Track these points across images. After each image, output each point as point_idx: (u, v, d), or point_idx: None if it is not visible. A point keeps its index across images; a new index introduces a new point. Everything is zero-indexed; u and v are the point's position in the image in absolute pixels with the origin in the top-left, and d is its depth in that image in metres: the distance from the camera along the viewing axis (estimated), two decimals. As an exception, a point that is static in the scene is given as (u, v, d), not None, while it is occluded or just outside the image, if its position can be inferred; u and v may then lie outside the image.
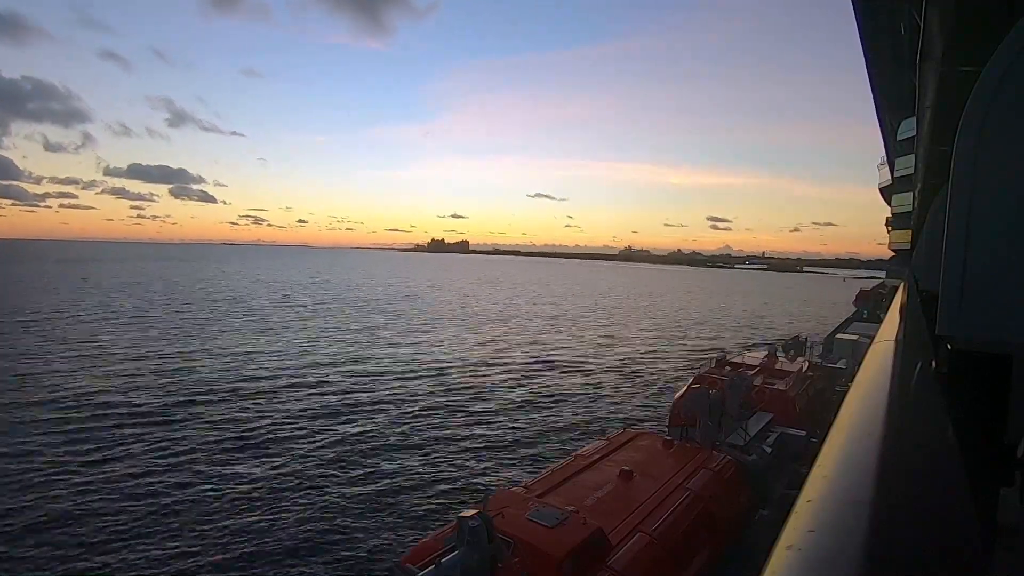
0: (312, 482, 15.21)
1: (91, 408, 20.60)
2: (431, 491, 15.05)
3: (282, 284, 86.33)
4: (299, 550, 11.99)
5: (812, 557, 0.75)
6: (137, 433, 18.28)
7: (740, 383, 13.82)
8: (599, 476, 10.38)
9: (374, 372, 28.39)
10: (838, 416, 1.61)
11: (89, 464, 15.79)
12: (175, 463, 16.11)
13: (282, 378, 26.25)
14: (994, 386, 1.72)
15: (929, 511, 1.01)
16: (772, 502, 12.14)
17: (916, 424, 1.66)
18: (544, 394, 25.64)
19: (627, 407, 24.25)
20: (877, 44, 11.50)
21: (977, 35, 3.08)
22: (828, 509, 0.92)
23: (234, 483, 14.94)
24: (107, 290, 65.29)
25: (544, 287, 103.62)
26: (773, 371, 19.16)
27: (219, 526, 12.76)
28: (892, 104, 16.80)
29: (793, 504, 0.94)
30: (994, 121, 1.68)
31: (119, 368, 26.87)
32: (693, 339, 44.48)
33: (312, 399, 23.11)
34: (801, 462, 13.67)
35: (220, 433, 18.64)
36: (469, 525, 6.87)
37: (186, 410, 20.91)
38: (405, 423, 20.59)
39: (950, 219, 1.76)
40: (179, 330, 38.39)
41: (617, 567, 7.81)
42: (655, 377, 29.96)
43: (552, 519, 8.10)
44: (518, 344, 38.43)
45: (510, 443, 19.01)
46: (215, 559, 11.56)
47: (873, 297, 38.61)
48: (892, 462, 1.21)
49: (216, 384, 24.69)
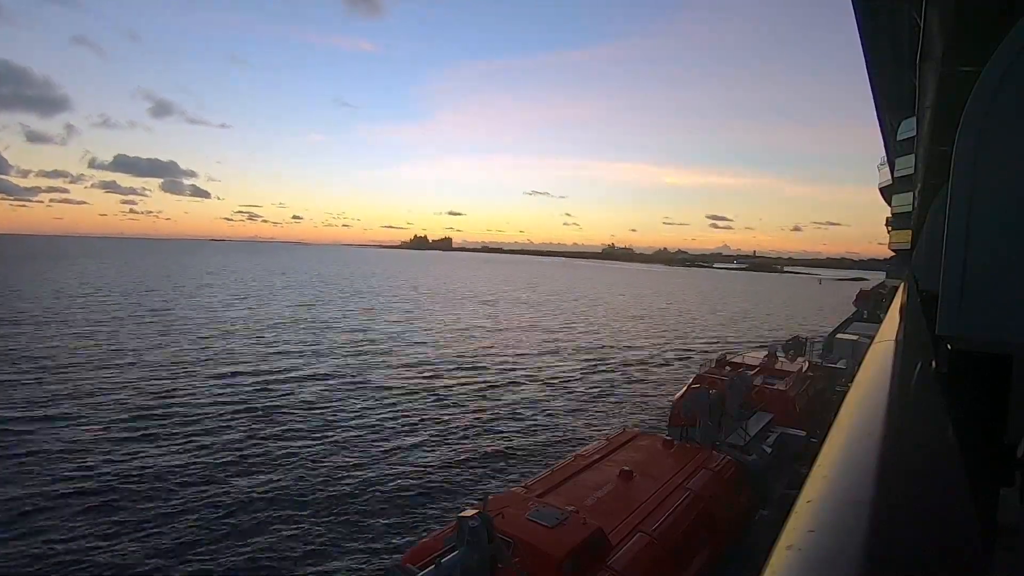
0: (312, 482, 15.21)
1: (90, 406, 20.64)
2: (431, 491, 15.05)
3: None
4: (299, 550, 11.99)
5: (812, 557, 0.75)
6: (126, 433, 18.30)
7: (740, 383, 13.83)
8: (599, 476, 10.39)
9: (374, 372, 28.40)
10: (838, 416, 1.61)
11: (83, 466, 15.80)
12: (168, 463, 16.10)
13: (276, 374, 26.29)
14: (994, 386, 1.72)
15: (929, 511, 1.01)
16: (772, 502, 12.14)
17: (916, 424, 1.66)
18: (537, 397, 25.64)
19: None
20: (877, 44, 11.49)
21: (977, 35, 3.08)
22: (828, 509, 0.92)
23: (233, 483, 14.94)
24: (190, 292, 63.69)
25: (476, 303, 68.63)
26: (773, 371, 19.17)
27: (219, 526, 12.77)
28: (892, 104, 16.80)
29: (793, 504, 0.94)
30: (994, 121, 1.68)
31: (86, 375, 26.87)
32: (566, 349, 37.90)
33: (311, 398, 23.12)
34: (801, 462, 13.67)
35: (212, 438, 18.64)
36: (469, 525, 6.87)
37: (173, 412, 20.92)
38: (405, 423, 20.59)
39: (950, 219, 1.76)
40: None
41: (617, 567, 7.81)
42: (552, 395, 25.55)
43: (552, 519, 8.10)
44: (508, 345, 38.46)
45: (510, 443, 19.01)
46: (214, 559, 11.56)
47: (873, 297, 38.66)
48: (892, 462, 1.21)
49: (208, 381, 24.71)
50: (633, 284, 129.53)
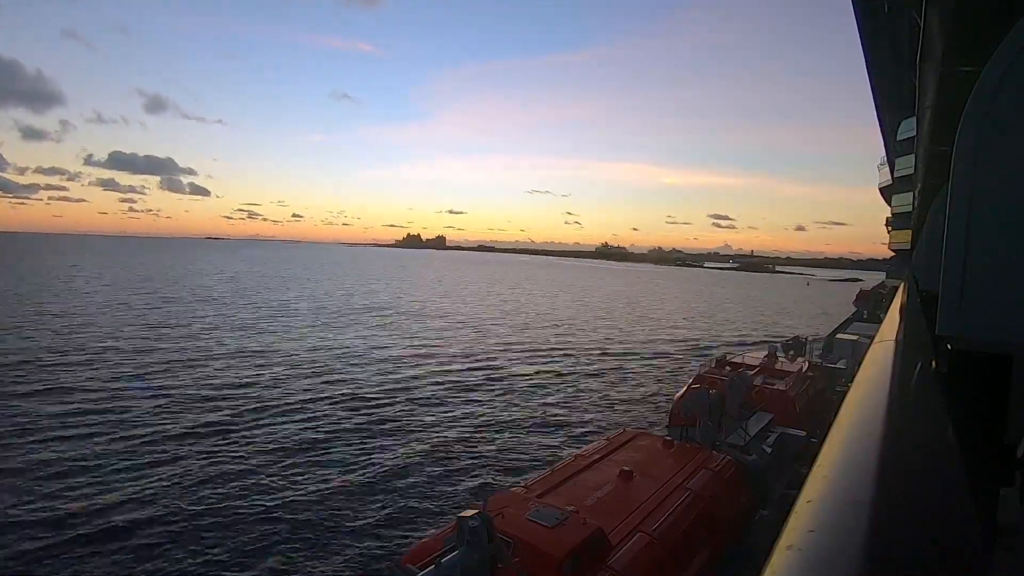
0: (312, 482, 15.21)
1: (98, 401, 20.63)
2: (431, 491, 15.05)
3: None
4: (300, 550, 11.99)
5: (812, 557, 0.75)
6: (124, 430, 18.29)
7: (740, 383, 13.83)
8: (599, 476, 10.39)
9: (373, 373, 28.41)
10: (838, 416, 1.61)
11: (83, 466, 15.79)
12: (163, 463, 16.10)
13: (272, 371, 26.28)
14: (994, 386, 1.72)
15: (929, 511, 1.01)
16: (772, 502, 12.14)
17: (916, 424, 1.66)
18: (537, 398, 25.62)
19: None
20: (877, 44, 11.50)
21: (977, 35, 3.08)
22: (828, 509, 0.92)
23: (233, 484, 14.94)
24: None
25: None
26: (773, 371, 19.18)
27: (218, 526, 12.76)
28: (892, 104, 16.80)
29: (793, 504, 0.94)
30: (994, 121, 1.68)
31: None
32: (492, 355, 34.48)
33: (310, 399, 23.12)
34: (801, 462, 13.67)
35: (214, 438, 18.64)
36: (469, 525, 6.86)
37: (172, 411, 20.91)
38: (404, 424, 20.59)
39: (950, 219, 1.76)
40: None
41: (617, 567, 7.81)
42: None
43: (552, 519, 8.10)
44: (514, 344, 38.43)
45: (510, 443, 19.01)
46: (214, 559, 11.56)
47: (873, 297, 38.67)
48: (892, 462, 1.21)
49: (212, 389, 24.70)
50: (591, 287, 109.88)
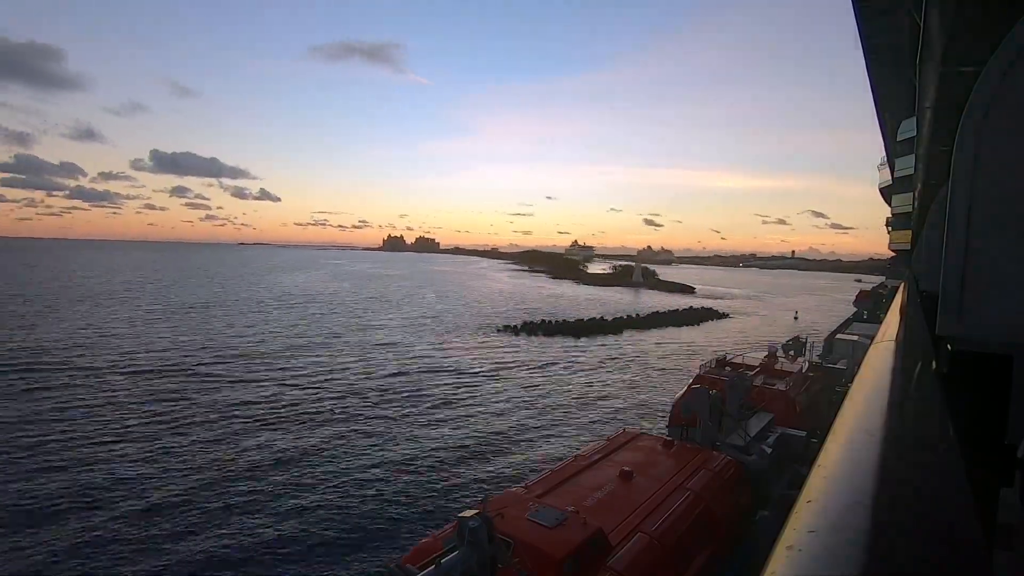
0: (312, 482, 15.21)
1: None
2: (431, 491, 15.05)
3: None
4: (300, 550, 11.99)
5: (812, 557, 0.75)
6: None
7: (740, 383, 13.81)
8: (599, 477, 10.37)
9: (373, 374, 28.39)
10: (838, 416, 1.61)
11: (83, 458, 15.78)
12: (163, 461, 16.09)
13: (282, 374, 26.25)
14: (994, 386, 1.71)
15: (929, 511, 1.01)
16: (772, 502, 12.13)
17: (916, 424, 1.66)
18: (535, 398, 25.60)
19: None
20: (877, 44, 11.48)
21: (977, 35, 3.08)
22: (828, 509, 0.92)
23: (234, 484, 14.93)
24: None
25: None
26: (773, 371, 19.15)
27: (218, 526, 12.76)
28: (892, 104, 16.78)
29: (793, 504, 0.94)
30: (994, 121, 1.68)
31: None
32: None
33: (311, 399, 23.10)
34: (801, 462, 13.66)
35: (219, 437, 18.64)
36: (469, 525, 6.85)
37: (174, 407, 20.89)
38: (404, 424, 20.58)
39: (950, 219, 1.76)
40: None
41: (617, 567, 7.80)
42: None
43: (552, 519, 8.09)
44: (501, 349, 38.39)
45: (510, 444, 19.00)
46: (213, 559, 11.55)
47: (873, 297, 38.69)
48: (892, 462, 1.21)
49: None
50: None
